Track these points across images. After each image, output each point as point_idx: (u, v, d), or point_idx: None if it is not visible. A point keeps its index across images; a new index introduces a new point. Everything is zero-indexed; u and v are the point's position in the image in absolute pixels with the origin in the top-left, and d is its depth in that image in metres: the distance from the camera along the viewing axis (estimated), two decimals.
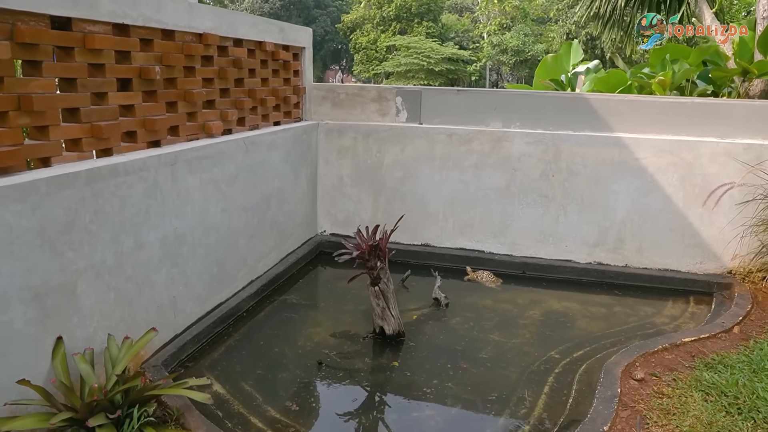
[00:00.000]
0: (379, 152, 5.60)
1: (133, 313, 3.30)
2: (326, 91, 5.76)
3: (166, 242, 3.53)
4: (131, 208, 3.21)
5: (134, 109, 3.39)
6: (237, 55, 4.36)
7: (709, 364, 3.59)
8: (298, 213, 5.44)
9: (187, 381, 2.92)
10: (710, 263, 5.10)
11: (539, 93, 5.46)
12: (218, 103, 4.20)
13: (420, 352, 3.95)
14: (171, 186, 3.53)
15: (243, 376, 3.59)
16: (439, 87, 5.63)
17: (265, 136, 4.65)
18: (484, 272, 5.33)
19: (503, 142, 5.30)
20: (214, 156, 3.97)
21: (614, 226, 5.23)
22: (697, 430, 2.94)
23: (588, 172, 5.17)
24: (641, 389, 3.35)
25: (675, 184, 5.00)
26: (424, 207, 5.60)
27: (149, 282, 3.42)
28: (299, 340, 4.11)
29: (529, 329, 4.37)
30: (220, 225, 4.12)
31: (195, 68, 3.89)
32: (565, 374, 3.71)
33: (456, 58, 34.92)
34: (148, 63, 3.47)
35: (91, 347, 2.93)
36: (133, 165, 3.19)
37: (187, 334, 3.79)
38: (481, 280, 5.26)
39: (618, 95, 5.23)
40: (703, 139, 4.95)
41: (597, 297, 5.00)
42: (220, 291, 4.22)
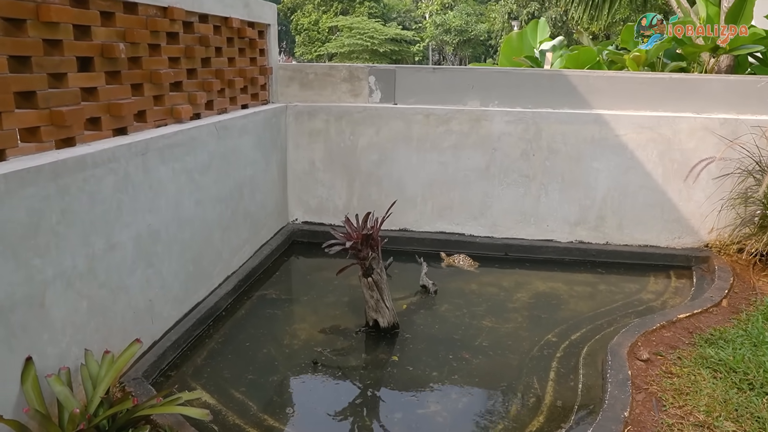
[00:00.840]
0: (353, 135, 5.32)
1: (108, 323, 2.95)
2: (294, 72, 5.42)
3: (140, 241, 3.18)
4: (101, 205, 2.84)
5: (97, 92, 3.00)
6: (203, 32, 3.98)
7: (709, 340, 3.57)
8: (270, 201, 5.12)
9: (181, 396, 2.62)
10: (688, 238, 5.15)
11: (518, 70, 5.31)
12: (186, 84, 3.83)
13: (418, 344, 3.77)
14: (143, 178, 3.17)
15: (232, 383, 3.30)
16: (415, 66, 5.39)
17: (236, 121, 4.30)
18: (460, 256, 5.19)
19: (482, 122, 5.14)
20: (186, 143, 3.61)
21: (595, 204, 5.19)
22: (714, 409, 2.89)
23: (569, 150, 5.09)
24: (649, 370, 3.29)
25: (654, 160, 4.99)
26: (402, 191, 5.39)
27: (124, 286, 3.07)
28: (286, 338, 3.84)
29: (521, 313, 4.26)
30: (195, 218, 3.78)
31: (160, 46, 3.50)
32: (568, 358, 3.62)
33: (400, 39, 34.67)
34: (111, 39, 3.07)
35: (66, 366, 2.58)
36: (101, 156, 2.82)
37: (167, 340, 3.46)
38: (457, 264, 5.12)
39: (597, 72, 5.16)
40: (681, 114, 4.95)
41: (580, 276, 4.96)
42: (197, 290, 3.89)
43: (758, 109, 4.87)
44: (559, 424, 2.97)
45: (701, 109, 5.02)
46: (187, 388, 3.21)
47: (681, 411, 2.90)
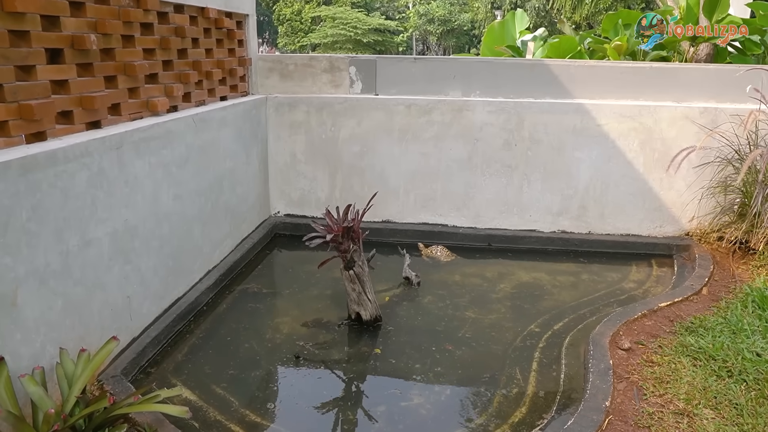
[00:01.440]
0: (334, 126, 5.27)
1: (85, 321, 2.89)
2: (273, 62, 5.34)
3: (116, 237, 3.11)
4: (75, 201, 2.77)
5: (68, 84, 2.92)
6: (178, 22, 3.90)
7: (689, 328, 3.60)
8: (251, 194, 5.06)
9: (159, 393, 2.57)
10: (669, 226, 5.18)
11: (499, 60, 5.29)
12: (161, 76, 3.75)
13: (400, 337, 3.75)
14: (118, 173, 3.10)
15: (213, 379, 3.26)
16: (395, 56, 5.35)
17: (214, 113, 4.23)
18: (437, 247, 5.18)
19: (464, 112, 5.11)
20: (163, 136, 3.54)
21: (577, 193, 5.20)
22: (693, 396, 2.92)
23: (551, 140, 5.08)
24: (630, 359, 3.31)
25: (636, 149, 5.01)
26: (384, 182, 5.35)
27: (100, 283, 3.01)
28: (268, 332, 3.81)
29: (504, 303, 4.27)
30: (173, 213, 3.72)
31: (134, 37, 3.42)
32: (550, 348, 3.63)
33: (383, 29, 34.48)
34: (81, 30, 2.99)
35: (40, 365, 2.52)
36: (74, 151, 2.75)
37: (146, 337, 3.41)
38: (435, 255, 5.10)
39: (578, 61, 5.15)
40: (661, 103, 4.96)
41: (563, 266, 4.97)
42: (177, 285, 3.84)
43: (737, 97, 4.90)
44: (541, 414, 2.98)
45: (682, 98, 5.04)
46: (167, 385, 3.16)
47: (661, 399, 2.92)
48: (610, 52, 5.81)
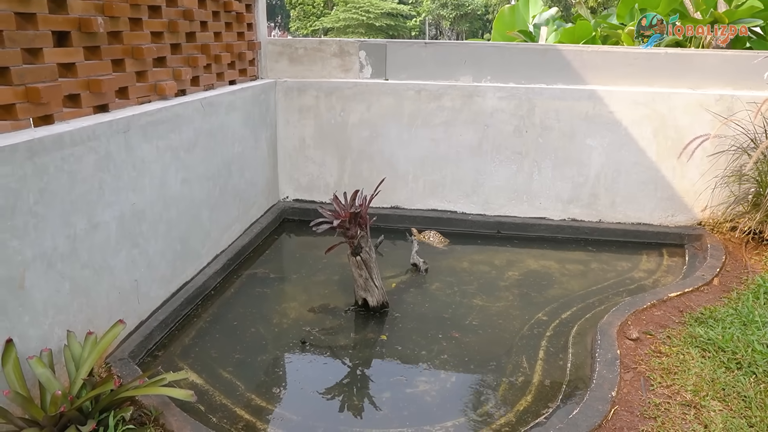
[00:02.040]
0: (344, 111, 5.24)
1: (92, 303, 2.91)
2: (282, 46, 5.30)
3: (123, 221, 3.12)
4: (82, 185, 2.78)
5: (75, 68, 2.91)
6: (187, 5, 3.87)
7: (699, 319, 3.56)
8: (260, 179, 5.05)
9: (165, 377, 2.59)
10: (681, 215, 5.11)
11: (510, 45, 5.21)
12: (170, 60, 3.73)
13: (407, 323, 3.75)
14: (125, 156, 3.10)
15: (220, 363, 3.28)
16: (406, 40, 5.29)
17: (222, 97, 4.21)
18: (431, 232, 5.14)
19: (475, 98, 5.05)
20: (171, 120, 3.53)
21: (588, 181, 5.14)
22: (701, 388, 2.89)
23: (562, 126, 5.02)
24: (638, 349, 3.29)
25: (648, 137, 4.93)
26: (393, 168, 5.32)
27: (108, 267, 3.02)
28: (275, 317, 3.82)
29: (512, 291, 4.24)
30: (181, 197, 3.72)
31: (142, 20, 3.40)
32: (557, 337, 3.61)
33: (396, 13, 34.18)
34: (88, 13, 2.98)
35: (48, 348, 2.54)
36: (80, 134, 2.75)
37: (154, 320, 3.44)
38: (428, 240, 5.07)
39: (591, 46, 5.05)
40: (676, 90, 4.87)
41: (573, 254, 4.93)
42: (185, 269, 3.85)
43: (754, 84, 4.80)
44: (546, 403, 2.97)
45: (697, 84, 4.94)
46: (174, 368, 3.19)
47: (668, 390, 2.90)
48: (625, 38, 5.71)
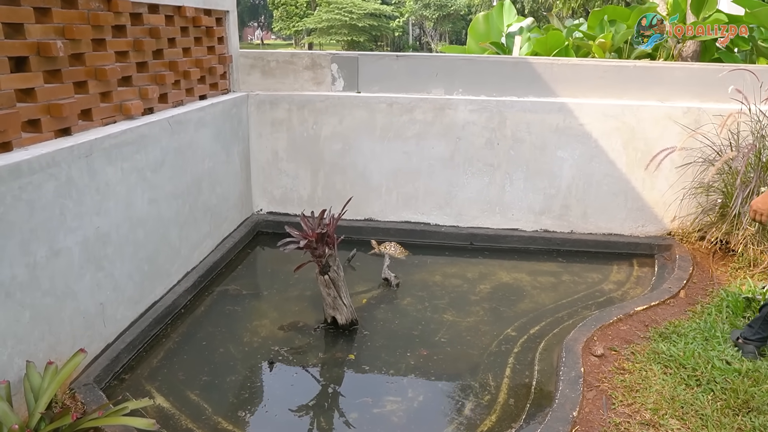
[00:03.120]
0: (316, 124, 5.24)
1: (55, 331, 2.89)
2: (255, 59, 5.29)
3: (87, 245, 3.10)
4: (42, 212, 2.76)
5: (35, 93, 2.88)
6: (153, 22, 3.85)
7: (663, 334, 3.61)
8: (232, 194, 5.04)
9: (127, 405, 2.58)
10: (651, 226, 5.19)
11: (482, 57, 5.25)
12: (135, 79, 3.71)
13: (376, 341, 3.77)
14: (88, 181, 3.08)
15: (187, 385, 3.27)
16: (377, 53, 5.29)
17: (191, 114, 4.19)
18: (391, 243, 5.14)
19: (447, 110, 5.08)
20: (136, 141, 3.51)
21: (560, 193, 5.19)
22: (661, 406, 2.94)
23: (533, 139, 5.06)
24: (602, 366, 3.33)
25: (618, 149, 4.99)
26: (366, 180, 5.34)
27: (71, 292, 3.00)
28: (245, 335, 3.82)
29: (482, 305, 4.28)
30: (148, 217, 3.70)
31: (105, 40, 3.38)
32: (524, 353, 3.64)
33: (378, 14, 34.16)
34: (47, 37, 2.95)
35: (6, 380, 2.52)
36: (39, 161, 2.72)
37: (120, 342, 3.42)
38: (388, 251, 5.07)
39: (561, 59, 5.10)
40: (645, 103, 4.94)
41: (545, 266, 4.98)
42: (154, 289, 3.83)
43: (721, 97, 4.87)
44: (510, 423, 3.00)
45: (665, 97, 5.01)
46: (140, 392, 3.18)
47: (629, 409, 2.95)
48: (596, 49, 5.77)
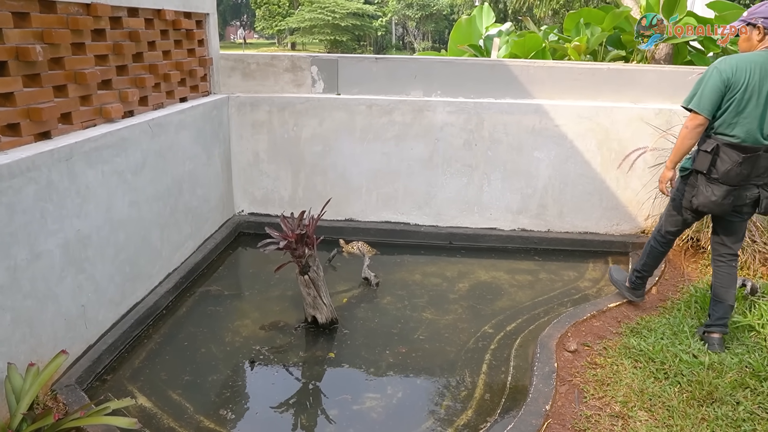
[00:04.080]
0: (296, 126, 5.29)
1: (36, 333, 2.92)
2: (235, 62, 5.33)
3: (68, 247, 3.13)
4: (22, 216, 2.78)
5: (14, 97, 2.90)
6: (133, 26, 3.88)
7: (634, 330, 3.73)
8: (213, 195, 5.07)
9: (109, 405, 2.63)
10: (625, 224, 5.32)
11: (459, 60, 5.33)
12: (115, 82, 3.73)
13: (355, 340, 3.84)
14: (68, 184, 3.11)
15: (169, 384, 3.32)
16: (357, 55, 5.35)
17: (172, 116, 4.23)
18: (358, 243, 5.19)
19: (425, 112, 5.16)
20: (116, 144, 3.54)
21: (537, 192, 5.30)
22: (630, 399, 3.05)
23: (510, 140, 5.16)
24: (575, 361, 3.44)
25: (593, 149, 5.11)
26: (347, 181, 5.40)
27: (52, 295, 3.03)
28: (227, 335, 3.86)
29: (461, 303, 4.37)
30: (129, 219, 3.73)
31: (85, 44, 3.40)
32: (501, 350, 3.74)
33: (361, 13, 34.19)
34: (26, 41, 2.97)
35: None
36: (19, 166, 2.75)
37: (102, 344, 3.44)
38: (356, 251, 5.13)
39: (537, 61, 5.21)
40: (618, 104, 5.06)
41: (522, 264, 5.09)
42: (135, 291, 3.86)
43: None
44: (485, 417, 3.09)
45: (638, 99, 5.14)
46: (122, 392, 3.21)
47: (600, 402, 3.05)
48: (571, 52, 5.89)
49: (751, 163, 3.14)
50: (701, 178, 3.29)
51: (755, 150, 3.13)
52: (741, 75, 3.06)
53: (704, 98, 3.14)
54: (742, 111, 3.09)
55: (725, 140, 3.17)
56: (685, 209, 3.49)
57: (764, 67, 3.06)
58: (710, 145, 3.21)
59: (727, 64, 3.10)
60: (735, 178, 3.17)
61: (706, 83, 3.14)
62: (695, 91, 3.21)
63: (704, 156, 3.23)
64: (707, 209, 3.33)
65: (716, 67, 3.13)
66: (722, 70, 3.10)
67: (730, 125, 3.14)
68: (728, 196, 3.22)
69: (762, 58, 3.08)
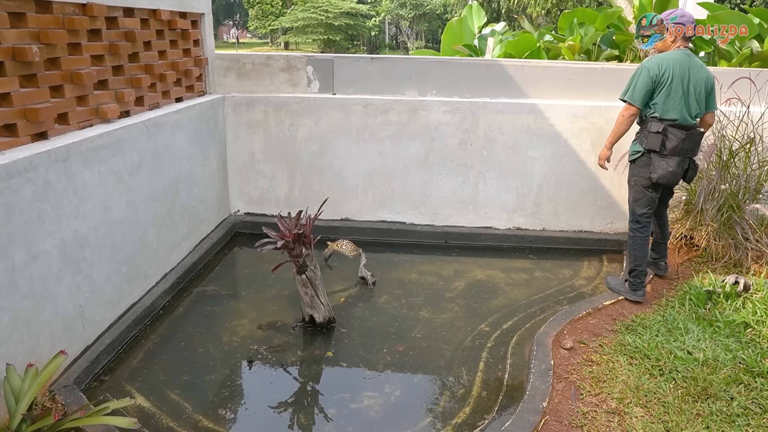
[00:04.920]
0: (292, 126, 5.30)
1: (34, 333, 2.91)
2: (230, 62, 5.33)
3: (65, 248, 3.13)
4: (20, 216, 2.78)
5: (10, 97, 2.90)
6: (129, 26, 3.87)
7: (630, 327, 3.77)
8: (209, 195, 5.07)
9: (108, 405, 2.63)
10: (620, 223, 5.36)
11: (454, 60, 5.36)
12: (111, 82, 3.73)
13: (353, 339, 3.85)
14: (66, 184, 3.10)
15: (168, 384, 3.32)
16: (352, 55, 5.37)
17: (168, 116, 4.22)
18: (343, 241, 5.17)
19: (421, 112, 5.18)
20: (113, 145, 3.54)
21: (532, 191, 5.33)
22: (626, 395, 3.08)
23: (505, 139, 5.19)
24: (572, 358, 3.47)
25: (588, 148, 5.14)
26: (343, 181, 5.42)
27: (50, 295, 3.03)
28: (224, 335, 3.87)
29: (457, 302, 4.39)
30: (126, 219, 3.73)
31: (81, 45, 3.40)
32: (497, 348, 3.76)
33: (355, 13, 34.18)
34: (23, 42, 2.97)
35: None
36: (16, 166, 2.75)
37: (100, 344, 3.44)
38: (341, 249, 5.13)
39: (532, 61, 5.24)
40: (612, 104, 5.09)
41: (518, 262, 5.12)
42: (132, 291, 3.86)
43: None
44: (483, 415, 3.12)
45: None
46: (121, 392, 3.21)
47: (596, 399, 3.08)
48: (565, 51, 5.92)
49: (689, 139, 3.84)
50: (654, 156, 3.91)
51: (690, 128, 3.84)
52: (666, 71, 3.78)
53: (636, 92, 3.86)
54: (672, 98, 3.78)
55: (668, 122, 3.82)
56: (645, 188, 4.05)
57: (683, 63, 3.80)
58: (659, 126, 3.84)
59: (654, 63, 3.82)
60: (681, 152, 3.85)
61: (638, 79, 3.85)
62: (629, 85, 3.90)
63: (655, 137, 3.85)
64: (665, 180, 3.92)
65: (645, 66, 3.84)
66: (650, 68, 3.81)
67: (667, 110, 3.81)
68: (679, 166, 3.89)
69: (679, 56, 3.84)
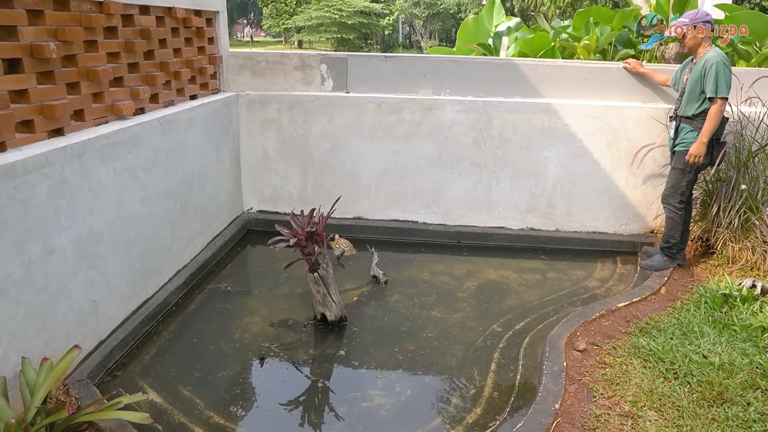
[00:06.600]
0: (306, 124, 5.30)
1: (49, 328, 2.94)
2: (245, 59, 5.34)
3: (80, 243, 3.15)
4: (36, 212, 2.81)
5: (28, 94, 2.93)
6: (144, 24, 3.90)
7: (644, 329, 3.73)
8: (223, 192, 5.09)
9: (121, 400, 2.65)
10: (634, 224, 5.30)
11: (468, 59, 5.33)
12: (127, 79, 3.76)
13: (365, 338, 3.85)
14: (81, 181, 3.13)
15: (180, 380, 3.34)
16: (366, 53, 5.36)
17: (182, 114, 4.25)
18: (341, 240, 5.18)
19: (434, 111, 5.17)
20: (128, 141, 3.56)
21: (545, 191, 5.29)
22: (639, 398, 3.04)
23: (519, 139, 5.16)
24: (584, 360, 3.43)
25: (602, 149, 5.10)
26: (355, 179, 5.41)
27: (65, 290, 3.05)
28: (236, 332, 3.88)
29: (469, 302, 4.37)
30: (140, 216, 3.75)
31: (97, 42, 3.42)
32: (509, 348, 3.74)
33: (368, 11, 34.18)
34: (40, 39, 2.99)
35: (2, 375, 2.57)
36: (33, 162, 2.77)
37: (113, 339, 3.47)
38: (338, 247, 5.12)
39: (547, 60, 5.20)
40: (628, 104, 5.05)
41: (530, 263, 5.08)
42: (145, 287, 3.89)
43: None
44: (494, 416, 3.10)
45: (648, 98, 5.12)
46: (133, 387, 3.24)
47: (609, 401, 3.05)
48: (581, 51, 5.88)
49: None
50: (714, 142, 4.27)
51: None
52: None
53: (727, 86, 4.10)
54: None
55: None
56: (691, 172, 4.35)
57: None
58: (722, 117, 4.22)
59: (726, 59, 4.10)
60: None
61: (724, 75, 4.07)
62: (721, 83, 4.06)
63: (721, 126, 4.23)
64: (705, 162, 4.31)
65: (721, 62, 4.07)
66: (726, 63, 4.07)
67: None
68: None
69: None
